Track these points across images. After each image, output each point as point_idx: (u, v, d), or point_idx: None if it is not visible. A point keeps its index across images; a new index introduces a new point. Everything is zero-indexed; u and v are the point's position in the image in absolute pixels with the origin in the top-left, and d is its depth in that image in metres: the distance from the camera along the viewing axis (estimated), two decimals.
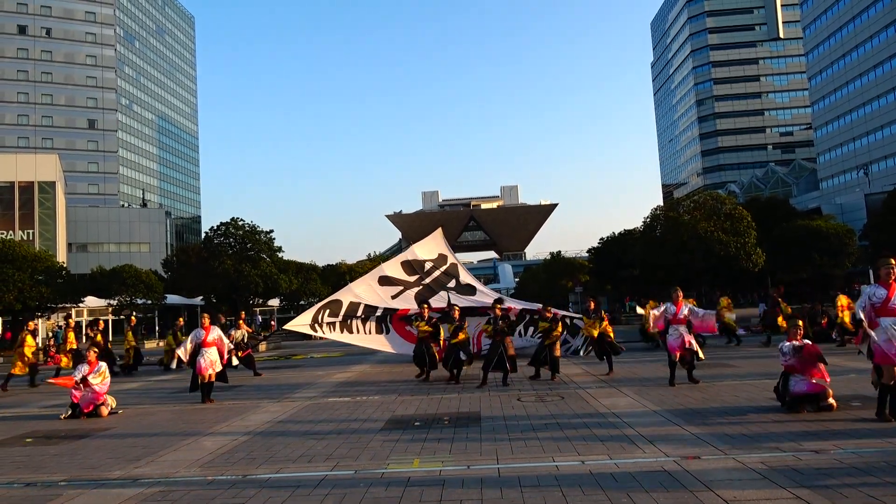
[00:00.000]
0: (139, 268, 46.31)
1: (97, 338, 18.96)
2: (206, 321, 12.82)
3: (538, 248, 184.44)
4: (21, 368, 17.32)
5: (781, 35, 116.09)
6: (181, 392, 14.46)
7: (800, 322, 9.25)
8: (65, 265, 45.70)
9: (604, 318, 14.25)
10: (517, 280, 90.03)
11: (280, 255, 48.57)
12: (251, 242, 45.79)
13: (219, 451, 7.89)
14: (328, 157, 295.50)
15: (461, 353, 13.62)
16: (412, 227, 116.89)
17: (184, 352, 12.52)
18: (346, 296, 18.62)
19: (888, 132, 72.63)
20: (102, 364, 11.88)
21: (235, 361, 14.57)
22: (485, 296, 18.89)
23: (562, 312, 17.20)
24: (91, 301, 45.92)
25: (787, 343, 8.87)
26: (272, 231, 47.38)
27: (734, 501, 5.06)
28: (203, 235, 57.38)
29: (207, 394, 12.39)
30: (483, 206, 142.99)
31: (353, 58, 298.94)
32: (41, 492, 6.45)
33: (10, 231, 57.22)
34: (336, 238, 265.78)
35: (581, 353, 17.79)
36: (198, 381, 12.49)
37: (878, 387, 7.83)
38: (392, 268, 19.95)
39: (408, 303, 18.40)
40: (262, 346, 29.32)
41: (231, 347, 13.69)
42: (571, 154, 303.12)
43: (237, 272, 42.73)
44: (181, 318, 21.88)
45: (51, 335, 35.91)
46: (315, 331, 18.15)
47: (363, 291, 18.78)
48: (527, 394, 11.52)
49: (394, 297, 18.73)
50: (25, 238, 56.21)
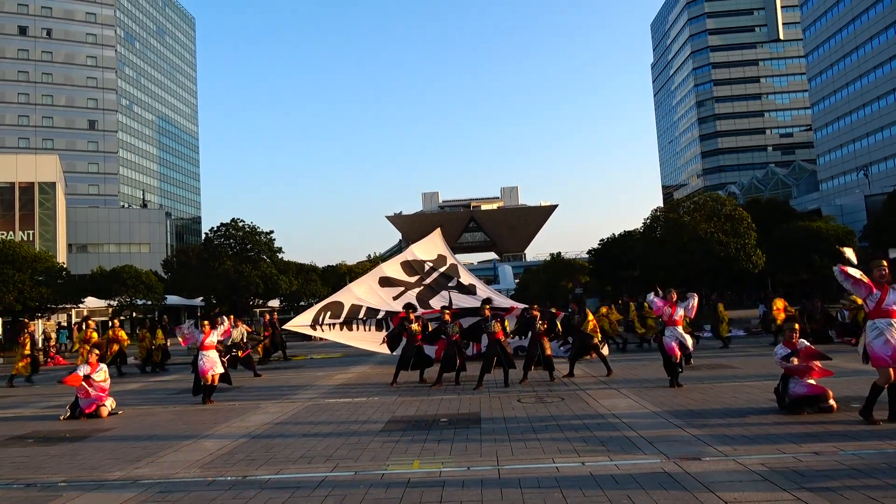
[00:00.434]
0: (139, 268, 46.33)
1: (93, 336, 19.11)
2: (207, 327, 12.84)
3: (538, 250, 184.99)
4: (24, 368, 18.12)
5: (781, 36, 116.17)
6: (181, 393, 14.46)
7: (795, 325, 9.24)
8: (65, 266, 45.73)
9: (589, 319, 14.20)
10: (517, 281, 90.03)
11: (280, 256, 48.59)
12: (251, 243, 45.83)
13: (219, 452, 7.89)
14: (328, 158, 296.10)
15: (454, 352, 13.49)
16: (412, 228, 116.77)
17: (181, 334, 13.00)
18: (348, 297, 18.51)
19: (888, 133, 72.62)
20: (103, 365, 11.93)
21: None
22: (487, 295, 18.85)
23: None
24: (91, 302, 45.94)
25: (782, 348, 8.87)
26: (272, 232, 47.44)
27: (734, 503, 5.06)
28: (203, 236, 57.39)
29: (208, 395, 12.39)
30: (483, 207, 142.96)
31: (354, 58, 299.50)
32: (41, 493, 6.45)
33: (11, 232, 57.24)
34: (336, 239, 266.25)
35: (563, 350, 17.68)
36: (200, 384, 12.49)
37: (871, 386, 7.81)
38: (392, 268, 19.89)
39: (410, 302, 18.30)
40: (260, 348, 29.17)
41: (241, 334, 13.84)
42: (571, 155, 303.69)
43: (237, 273, 42.75)
44: (147, 321, 21.55)
45: (53, 335, 35.86)
46: (315, 331, 18.13)
47: (364, 293, 18.70)
48: (527, 395, 11.51)
49: (395, 298, 18.67)
50: (26, 239, 56.25)
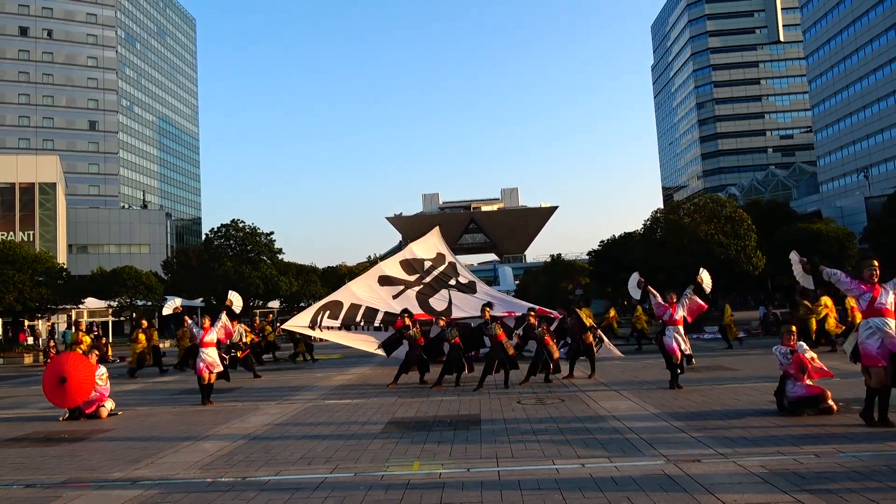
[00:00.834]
0: (139, 269, 46.29)
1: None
2: (207, 322, 12.85)
3: (538, 251, 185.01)
4: None
5: (782, 38, 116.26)
6: (181, 394, 14.47)
7: (793, 327, 9.24)
8: (65, 266, 45.70)
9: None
10: (517, 283, 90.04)
11: (280, 257, 48.56)
12: (251, 244, 45.78)
13: (218, 453, 7.89)
14: (328, 158, 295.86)
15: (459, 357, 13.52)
16: (413, 229, 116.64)
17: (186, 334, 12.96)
18: (347, 296, 18.36)
19: (888, 135, 72.62)
20: (102, 367, 11.95)
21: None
22: (486, 294, 18.85)
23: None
24: (91, 302, 45.91)
25: (782, 347, 8.86)
26: (272, 233, 47.39)
27: None
28: (203, 237, 57.40)
29: (207, 395, 12.39)
30: (483, 209, 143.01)
31: (354, 59, 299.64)
32: (41, 493, 6.44)
33: (11, 232, 57.25)
34: (336, 240, 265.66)
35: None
36: (201, 384, 12.48)
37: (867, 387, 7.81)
38: (391, 267, 19.83)
39: (409, 302, 18.22)
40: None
41: (240, 334, 13.82)
42: (571, 157, 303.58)
43: (237, 274, 42.71)
44: (144, 322, 21.32)
45: (54, 336, 35.89)
46: (314, 331, 18.06)
47: (363, 292, 18.60)
48: (527, 396, 11.51)
49: (395, 297, 18.61)
50: (26, 239, 56.28)
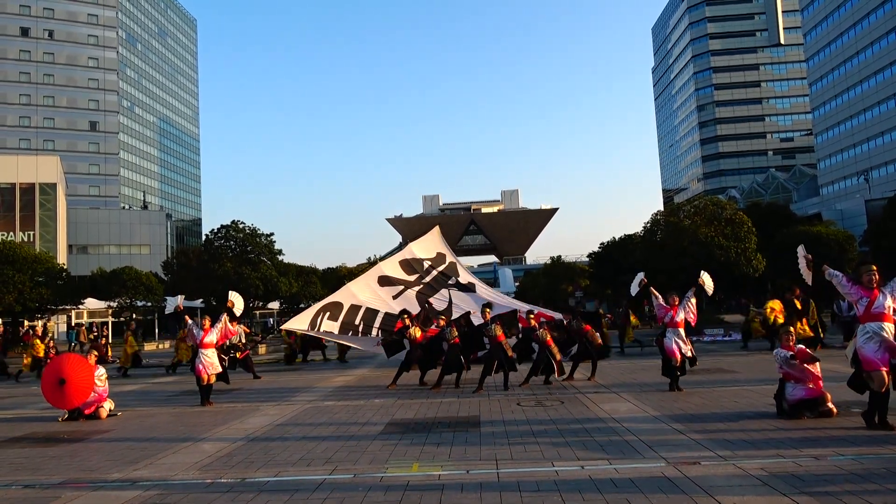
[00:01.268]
0: (139, 270, 46.35)
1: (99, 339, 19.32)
2: (207, 323, 12.84)
3: (538, 253, 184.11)
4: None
5: (782, 41, 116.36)
6: (181, 395, 14.46)
7: (791, 329, 9.22)
8: (65, 267, 45.75)
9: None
10: (517, 284, 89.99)
11: (280, 258, 48.58)
12: (251, 245, 45.82)
13: (217, 454, 7.88)
14: (329, 160, 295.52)
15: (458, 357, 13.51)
16: (413, 231, 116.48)
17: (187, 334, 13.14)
18: (347, 298, 18.32)
19: (888, 138, 72.67)
20: (101, 367, 11.93)
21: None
22: (486, 293, 18.85)
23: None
24: (91, 303, 45.97)
25: (783, 351, 8.83)
26: (272, 234, 47.45)
27: None
28: (203, 238, 57.42)
29: (207, 396, 12.38)
30: (484, 210, 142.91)
31: (354, 60, 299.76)
32: (40, 493, 6.44)
33: (11, 232, 57.32)
34: (336, 241, 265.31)
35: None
36: (200, 385, 12.47)
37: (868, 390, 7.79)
38: (391, 267, 19.82)
39: (409, 302, 18.21)
40: (262, 349, 29.30)
41: (238, 335, 13.86)
42: (572, 158, 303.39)
43: (237, 275, 42.71)
44: (132, 323, 21.60)
45: (52, 335, 35.93)
46: (312, 332, 18.02)
47: (363, 293, 18.58)
48: (526, 398, 11.50)
49: (395, 297, 18.61)
50: (26, 239, 56.36)
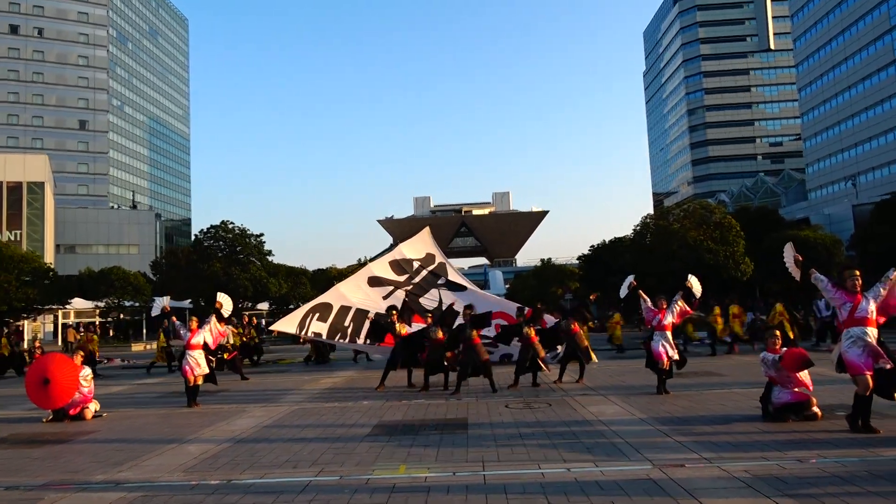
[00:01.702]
0: (127, 270, 46.11)
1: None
2: (194, 324, 12.78)
3: (529, 255, 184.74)
4: None
5: (772, 46, 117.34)
6: (166, 396, 14.38)
7: (777, 332, 9.28)
8: (52, 266, 45.41)
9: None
10: (508, 286, 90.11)
11: (270, 259, 48.46)
12: (241, 246, 45.68)
13: (203, 456, 7.84)
14: (320, 161, 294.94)
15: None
16: (404, 233, 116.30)
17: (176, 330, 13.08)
18: (336, 299, 18.24)
19: (876, 144, 73.41)
20: (87, 368, 11.88)
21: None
22: (475, 293, 18.85)
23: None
24: (78, 303, 45.64)
25: (769, 354, 8.88)
26: (262, 235, 47.31)
27: None
28: (193, 238, 57.19)
29: (193, 397, 12.32)
30: (474, 213, 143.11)
31: (347, 61, 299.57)
32: (23, 495, 6.38)
33: None
34: (326, 242, 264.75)
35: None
36: (187, 386, 12.40)
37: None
38: (380, 268, 19.78)
39: (398, 303, 18.18)
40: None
41: (227, 335, 13.82)
42: (563, 161, 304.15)
43: (226, 275, 42.57)
44: (165, 321, 21.46)
45: (38, 336, 35.66)
46: (300, 333, 17.94)
47: (352, 294, 18.53)
48: (514, 400, 11.52)
49: (385, 298, 18.57)
50: (13, 239, 55.89)
